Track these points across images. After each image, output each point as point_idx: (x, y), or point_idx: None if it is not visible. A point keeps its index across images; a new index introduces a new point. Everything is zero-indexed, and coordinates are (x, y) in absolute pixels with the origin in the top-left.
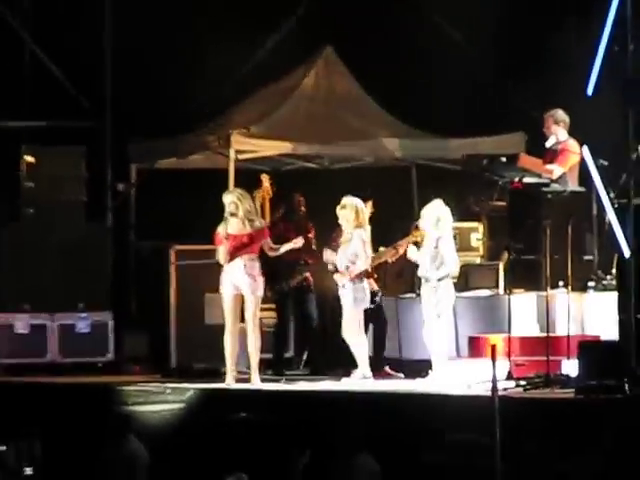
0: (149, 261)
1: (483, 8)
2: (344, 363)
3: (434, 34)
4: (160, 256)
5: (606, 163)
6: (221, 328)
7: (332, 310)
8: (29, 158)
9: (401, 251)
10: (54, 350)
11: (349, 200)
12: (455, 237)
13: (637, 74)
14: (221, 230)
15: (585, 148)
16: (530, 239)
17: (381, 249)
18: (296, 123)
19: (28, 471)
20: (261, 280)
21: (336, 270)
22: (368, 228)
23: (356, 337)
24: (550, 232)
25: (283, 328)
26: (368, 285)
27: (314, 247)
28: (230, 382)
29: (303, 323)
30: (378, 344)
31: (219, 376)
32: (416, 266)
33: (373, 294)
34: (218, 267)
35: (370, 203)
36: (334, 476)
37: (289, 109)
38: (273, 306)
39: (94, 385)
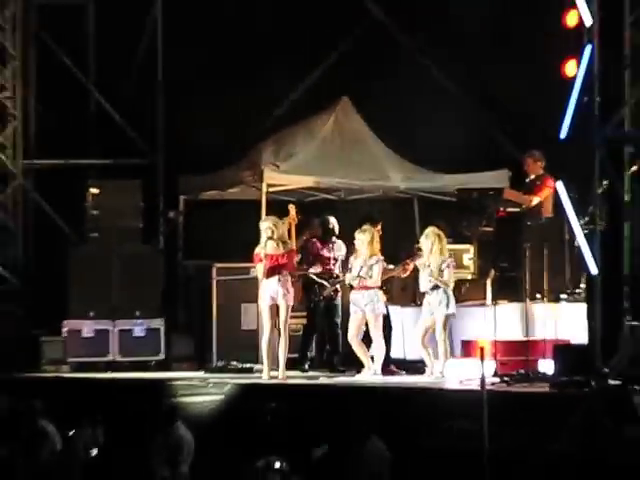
0: (194, 277)
1: (473, 67)
2: (356, 362)
3: (434, 87)
4: (203, 273)
5: (576, 196)
6: (254, 333)
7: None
8: (94, 190)
9: (408, 269)
10: (114, 351)
11: (368, 227)
12: (450, 258)
13: (603, 122)
14: (259, 251)
15: (559, 183)
16: (512, 259)
17: (390, 266)
18: (317, 161)
19: (94, 452)
20: (292, 292)
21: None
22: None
23: (376, 340)
24: (529, 253)
25: (311, 332)
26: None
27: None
28: (265, 377)
29: (328, 329)
30: (385, 346)
31: (252, 372)
32: (417, 281)
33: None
34: (254, 281)
35: (379, 227)
36: (348, 461)
37: (312, 149)
38: (301, 314)
39: (147, 380)
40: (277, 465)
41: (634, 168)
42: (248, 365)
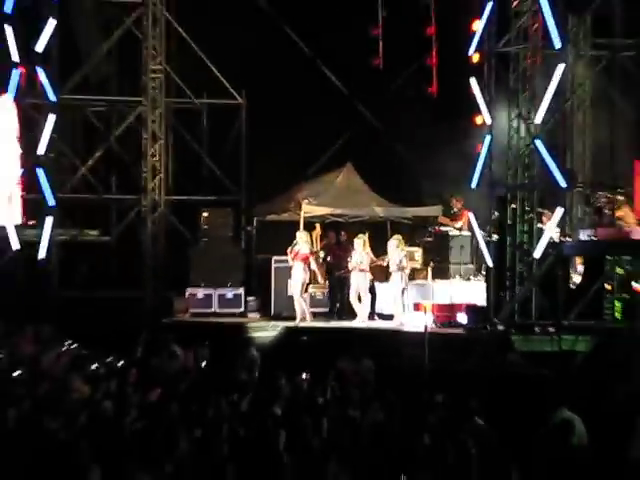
0: (262, 264)
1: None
2: (354, 314)
3: (395, 158)
4: (267, 262)
5: (478, 220)
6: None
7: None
8: (205, 214)
9: (385, 260)
10: (215, 306)
11: (362, 235)
12: (406, 255)
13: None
14: (290, 249)
15: (471, 214)
16: (443, 255)
17: (374, 258)
18: (333, 199)
19: (203, 364)
20: (309, 274)
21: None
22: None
23: (364, 301)
24: (452, 252)
25: (334, 296)
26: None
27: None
28: (298, 322)
29: (341, 294)
30: (370, 304)
31: (294, 319)
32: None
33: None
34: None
35: (367, 237)
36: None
37: (330, 192)
38: (324, 285)
39: (234, 323)
40: (304, 375)
41: (513, 206)
42: (290, 315)
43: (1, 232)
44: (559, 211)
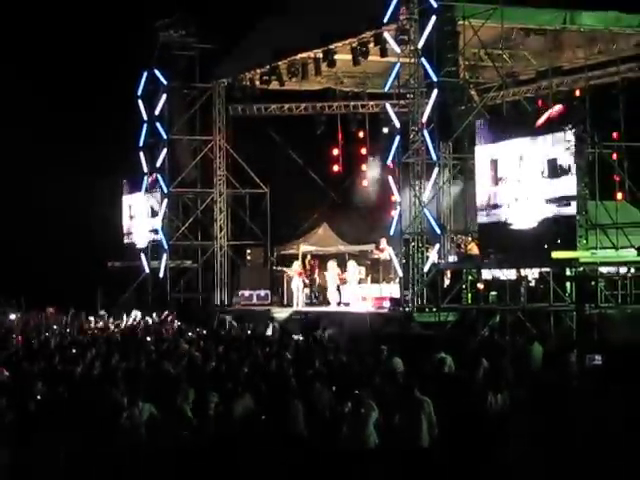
0: (279, 277)
1: None
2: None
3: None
4: (282, 276)
5: (395, 251)
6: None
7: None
8: (248, 251)
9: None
10: (254, 300)
11: (333, 261)
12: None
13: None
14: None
15: (390, 248)
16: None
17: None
18: (316, 241)
19: (248, 332)
20: (301, 281)
21: None
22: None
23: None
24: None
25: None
26: None
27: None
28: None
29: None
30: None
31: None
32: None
33: None
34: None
35: (335, 262)
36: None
37: (314, 237)
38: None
39: (265, 310)
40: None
41: (412, 244)
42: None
43: (140, 263)
44: (437, 246)
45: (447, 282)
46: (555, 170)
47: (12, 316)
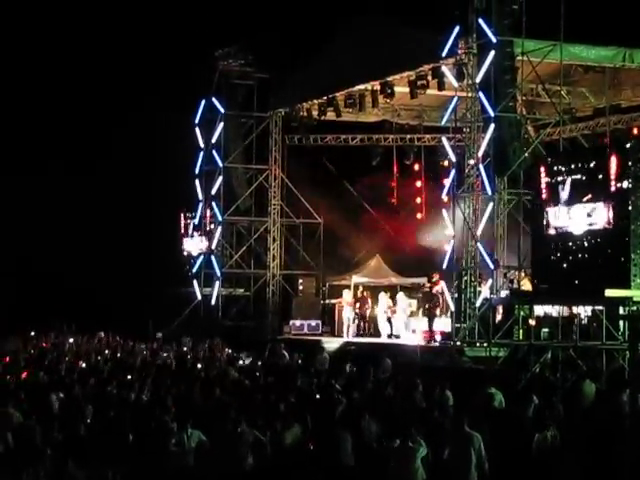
0: (331, 307)
1: None
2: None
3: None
4: (333, 306)
5: (447, 285)
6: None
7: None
8: (300, 280)
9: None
10: (305, 330)
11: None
12: (409, 303)
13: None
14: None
15: (443, 282)
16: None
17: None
18: (368, 273)
19: (299, 361)
20: (353, 312)
21: None
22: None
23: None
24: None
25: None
26: None
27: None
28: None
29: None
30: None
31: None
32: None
33: None
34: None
35: (388, 293)
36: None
37: (367, 269)
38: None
39: (315, 340)
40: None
41: (465, 278)
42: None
43: (193, 290)
44: (490, 281)
45: (499, 317)
46: None
47: (70, 339)
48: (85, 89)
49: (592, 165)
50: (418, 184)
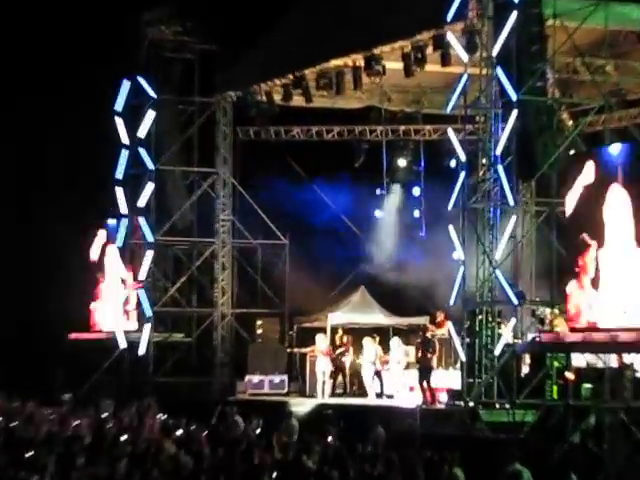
0: (300, 358)
1: None
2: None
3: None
4: (304, 356)
5: (456, 327)
6: None
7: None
8: (259, 322)
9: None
10: (266, 388)
11: (372, 338)
12: (405, 351)
13: None
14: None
15: (449, 322)
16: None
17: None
18: (351, 310)
19: (257, 431)
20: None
21: None
22: None
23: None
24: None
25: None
26: None
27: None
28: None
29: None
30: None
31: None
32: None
33: None
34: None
35: (377, 338)
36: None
37: (348, 306)
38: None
39: (280, 401)
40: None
41: (480, 317)
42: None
43: (113, 336)
44: (513, 321)
45: (525, 370)
46: None
47: None
48: None
49: None
50: (416, 191)
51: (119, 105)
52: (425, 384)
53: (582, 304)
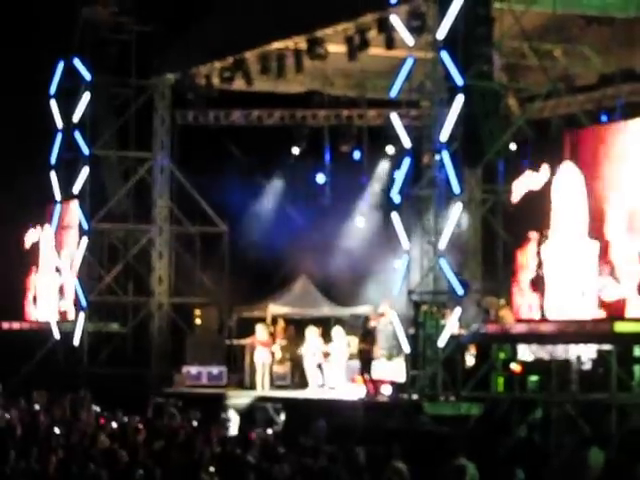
0: (239, 349)
1: None
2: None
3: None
4: (242, 347)
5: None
6: None
7: None
8: (197, 312)
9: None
10: (204, 380)
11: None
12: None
13: None
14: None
15: (394, 312)
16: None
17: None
18: (292, 299)
19: (194, 423)
20: (269, 354)
21: None
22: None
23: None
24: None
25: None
26: None
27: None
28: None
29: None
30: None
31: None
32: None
33: None
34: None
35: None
36: None
37: (289, 296)
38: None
39: (218, 393)
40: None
41: (424, 307)
42: None
43: (47, 325)
44: (457, 311)
45: (470, 361)
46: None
47: None
48: None
49: None
50: (359, 178)
51: (53, 88)
52: (367, 375)
53: (522, 305)
